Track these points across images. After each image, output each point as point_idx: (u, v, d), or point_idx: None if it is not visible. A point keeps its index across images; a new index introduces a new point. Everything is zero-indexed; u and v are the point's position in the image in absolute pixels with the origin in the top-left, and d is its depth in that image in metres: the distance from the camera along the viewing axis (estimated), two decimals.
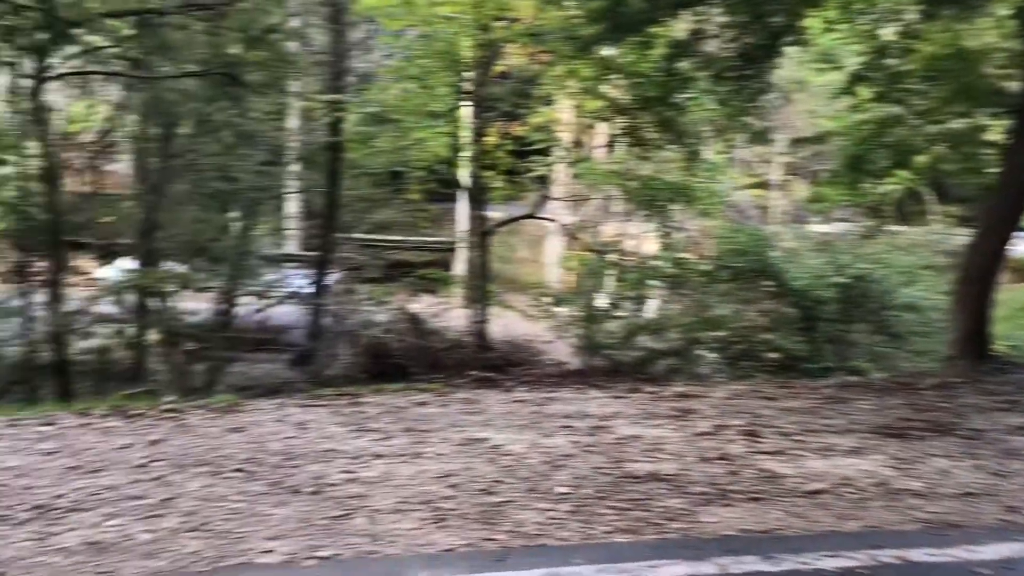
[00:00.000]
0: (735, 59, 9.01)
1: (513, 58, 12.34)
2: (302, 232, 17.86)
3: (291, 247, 17.72)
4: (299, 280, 14.31)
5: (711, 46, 9.40)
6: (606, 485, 5.23)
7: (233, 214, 14.12)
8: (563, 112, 13.57)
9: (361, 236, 15.57)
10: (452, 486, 5.17)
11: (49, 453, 5.61)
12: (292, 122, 15.59)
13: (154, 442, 5.87)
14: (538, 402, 7.28)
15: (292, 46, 13.12)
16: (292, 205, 17.41)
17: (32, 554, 4.20)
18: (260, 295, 13.60)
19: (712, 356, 10.76)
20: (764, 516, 4.84)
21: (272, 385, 10.32)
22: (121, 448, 5.73)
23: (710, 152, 13.27)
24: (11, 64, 13.03)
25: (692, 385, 8.40)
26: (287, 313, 14.23)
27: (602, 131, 14.58)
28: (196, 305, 13.56)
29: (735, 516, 4.83)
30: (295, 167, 15.22)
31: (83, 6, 10.79)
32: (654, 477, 5.38)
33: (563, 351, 10.73)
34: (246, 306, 13.54)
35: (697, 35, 9.30)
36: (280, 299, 13.73)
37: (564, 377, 9.05)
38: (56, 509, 4.72)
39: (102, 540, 4.35)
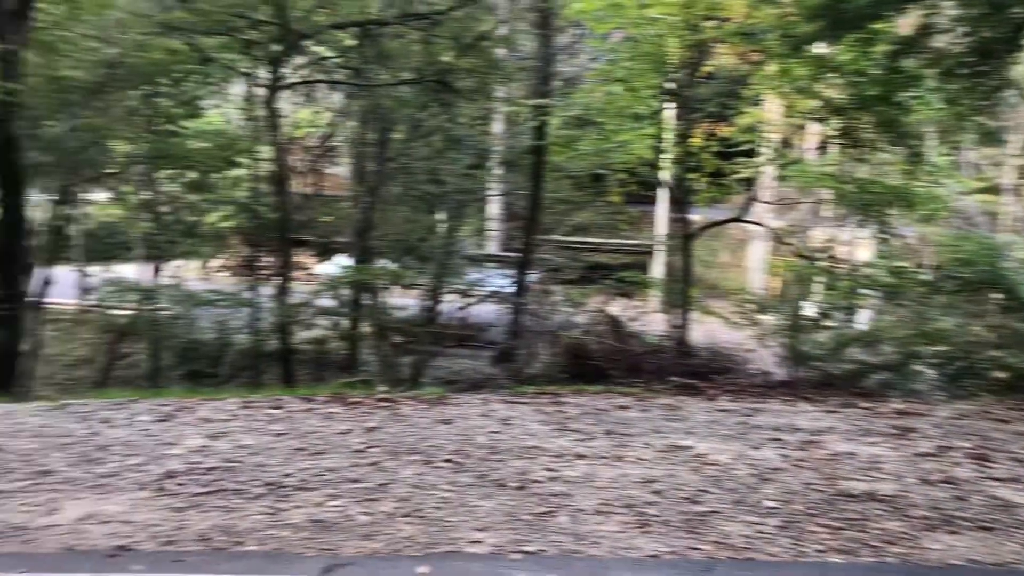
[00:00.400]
0: (968, 55, 8.31)
1: (721, 58, 12.03)
2: (502, 233, 18.36)
3: (492, 247, 18.25)
4: (499, 280, 14.69)
5: (940, 41, 8.74)
6: (818, 502, 5.00)
7: (440, 215, 14.72)
8: (772, 112, 13.08)
9: (560, 238, 15.79)
10: (655, 492, 5.12)
11: (279, 434, 6.06)
12: (496, 126, 16.04)
13: (371, 429, 6.21)
14: (744, 412, 7.07)
15: (500, 52, 13.50)
16: (494, 207, 17.93)
17: (264, 527, 4.54)
18: (463, 293, 14.10)
19: (931, 372, 10.00)
20: (997, 548, 4.45)
21: (475, 380, 10.64)
22: (341, 433, 6.10)
23: (934, 154, 12.36)
24: (247, 74, 14.27)
25: (911, 402, 7.86)
26: (487, 311, 14.65)
27: (814, 132, 13.94)
28: (404, 301, 14.25)
29: (963, 545, 4.48)
30: (498, 170, 15.65)
31: (313, 19, 11.61)
32: (871, 497, 5.08)
33: (767, 360, 10.33)
34: (450, 303, 14.07)
35: (925, 30, 8.67)
36: (481, 297, 14.16)
37: (770, 388, 8.73)
38: (285, 487, 5.08)
39: (325, 519, 4.65)
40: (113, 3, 11.53)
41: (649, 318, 11.80)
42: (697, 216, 12.92)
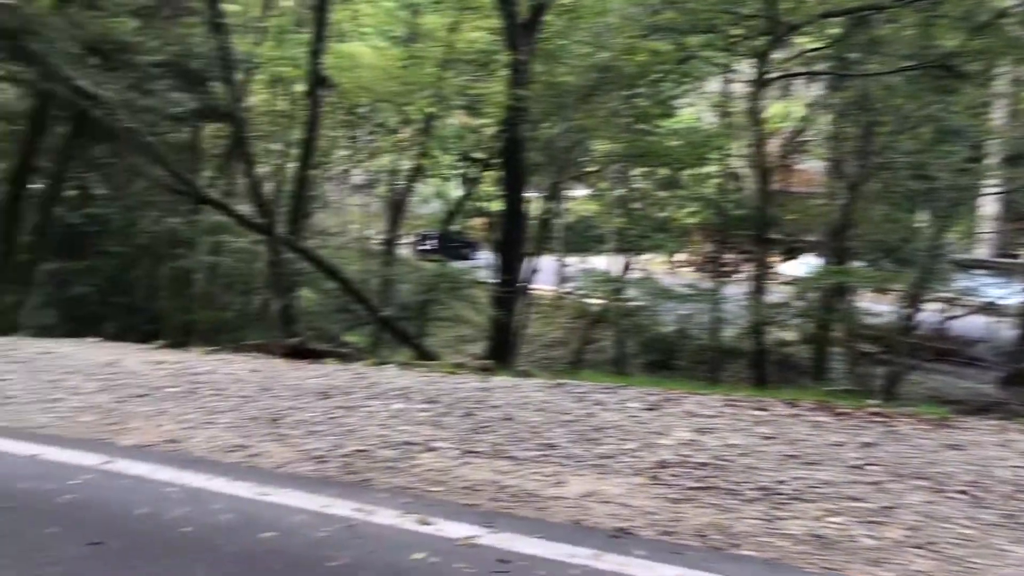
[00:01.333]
0: None
1: None
2: (1000, 236, 16.20)
3: (985, 252, 16.22)
4: (995, 289, 13.03)
5: None
6: None
7: (924, 214, 13.46)
8: None
9: None
10: None
11: (766, 437, 5.86)
12: (998, 115, 14.18)
13: (866, 444, 5.73)
14: None
15: (1018, 30, 11.81)
16: (990, 206, 15.90)
17: (760, 533, 4.38)
18: (950, 302, 12.75)
19: None
20: None
21: (982, 404, 9.44)
22: (834, 445, 5.72)
23: None
24: (725, 71, 14.32)
25: None
26: (973, 324, 13.12)
27: None
28: (877, 307, 13.28)
29: None
30: (999, 164, 13.84)
31: (803, 9, 11.20)
32: None
33: None
34: (932, 312, 12.82)
35: None
36: (973, 308, 12.68)
37: None
38: (779, 494, 4.87)
39: (825, 535, 4.35)
40: (608, 10, 12.26)
41: None
42: None
